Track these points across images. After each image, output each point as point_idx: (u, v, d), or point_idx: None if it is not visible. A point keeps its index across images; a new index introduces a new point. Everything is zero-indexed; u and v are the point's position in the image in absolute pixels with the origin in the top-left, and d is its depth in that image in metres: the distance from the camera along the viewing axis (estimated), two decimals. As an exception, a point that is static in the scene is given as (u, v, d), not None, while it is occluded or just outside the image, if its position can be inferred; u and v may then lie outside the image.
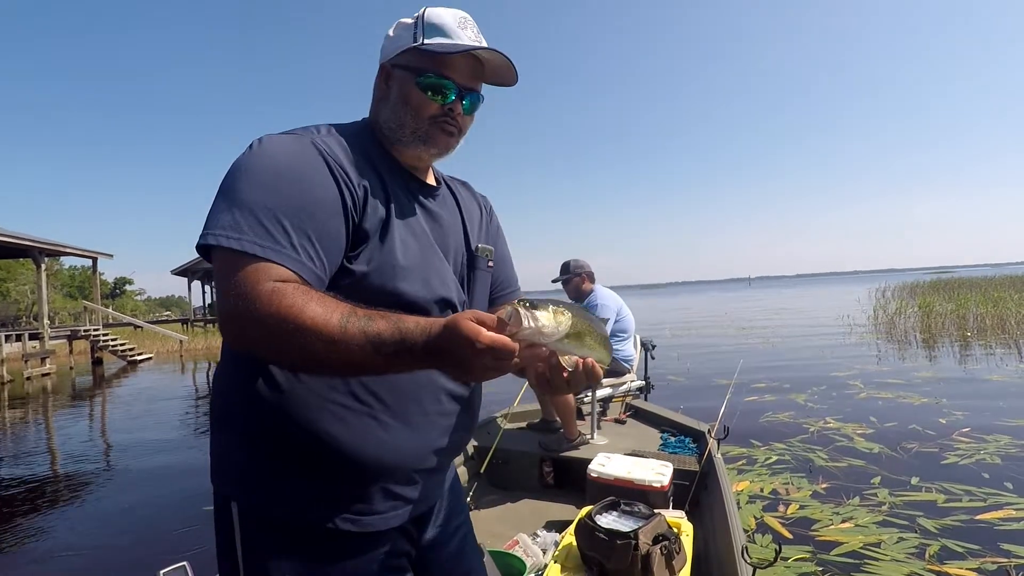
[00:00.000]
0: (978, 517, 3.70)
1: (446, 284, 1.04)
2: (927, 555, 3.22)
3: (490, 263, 1.17)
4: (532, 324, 0.71)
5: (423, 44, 0.96)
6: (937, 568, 3.07)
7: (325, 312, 0.73)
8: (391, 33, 1.02)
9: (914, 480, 4.41)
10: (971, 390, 7.69)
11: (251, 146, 0.89)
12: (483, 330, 0.67)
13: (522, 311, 0.71)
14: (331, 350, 0.72)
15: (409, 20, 1.01)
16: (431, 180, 1.11)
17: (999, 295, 20.69)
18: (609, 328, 4.00)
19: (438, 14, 0.99)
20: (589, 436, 3.84)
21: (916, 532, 3.52)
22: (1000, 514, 3.72)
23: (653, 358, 5.47)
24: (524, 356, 0.96)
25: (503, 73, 1.04)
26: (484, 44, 0.99)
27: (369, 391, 0.93)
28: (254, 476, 0.93)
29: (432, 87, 0.98)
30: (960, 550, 3.26)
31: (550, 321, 0.73)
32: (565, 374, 0.82)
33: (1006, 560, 3.12)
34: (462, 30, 0.98)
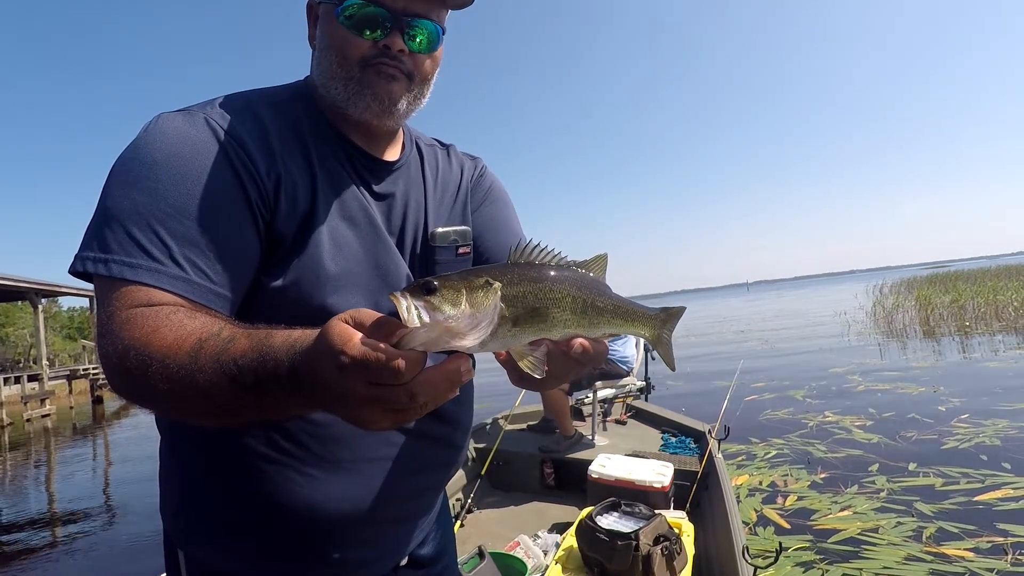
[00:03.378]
0: (976, 498, 3.75)
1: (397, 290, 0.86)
2: (924, 537, 3.27)
3: (462, 248, 0.91)
4: (428, 318, 0.45)
5: None
6: (934, 549, 3.11)
7: (178, 338, 0.56)
8: None
9: (912, 466, 4.46)
10: (969, 378, 7.76)
11: (141, 129, 0.72)
12: (356, 336, 0.44)
13: (404, 301, 0.45)
14: (177, 389, 0.54)
15: None
16: (392, 152, 0.89)
17: (996, 284, 20.83)
18: None
19: None
20: (590, 436, 3.86)
21: (913, 516, 3.57)
22: (998, 494, 3.77)
23: (653, 359, 5.52)
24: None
25: None
26: None
27: (289, 436, 0.75)
28: (186, 525, 0.81)
29: (356, 18, 0.74)
30: (956, 531, 3.31)
31: (460, 308, 0.46)
32: (537, 375, 0.54)
33: (1002, 539, 3.16)
34: None
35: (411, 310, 0.45)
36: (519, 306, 0.51)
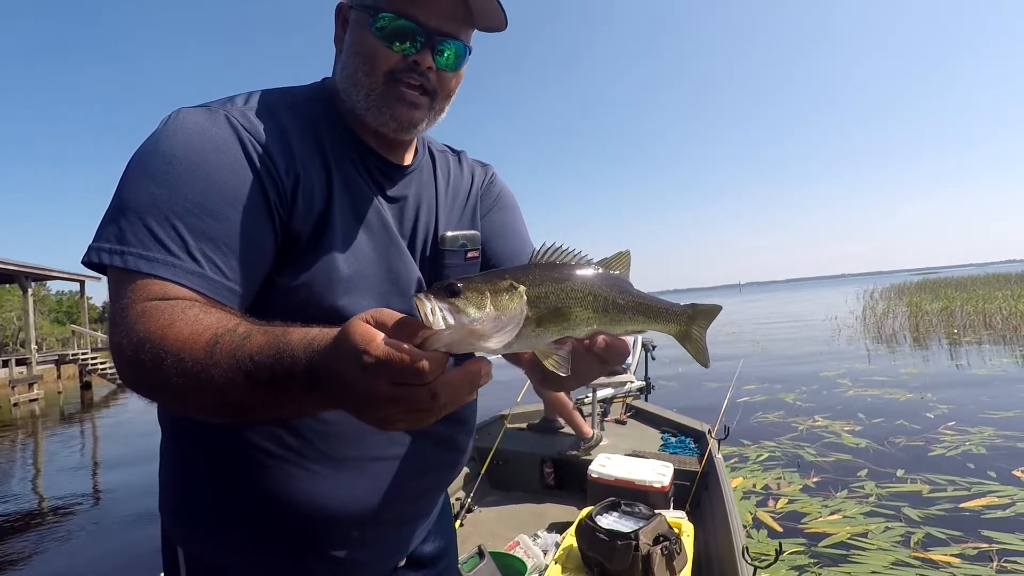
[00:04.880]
0: (962, 505, 3.83)
1: (408, 295, 0.82)
2: (912, 543, 3.34)
3: (471, 252, 0.92)
4: (454, 321, 0.45)
5: None
6: (922, 555, 3.19)
7: (194, 332, 0.56)
8: None
9: (900, 472, 4.54)
10: (957, 385, 7.88)
11: (161, 123, 0.72)
12: (378, 336, 0.44)
13: (428, 303, 0.45)
14: (191, 383, 0.54)
15: None
16: (405, 157, 0.90)
17: (985, 293, 21.13)
18: None
19: None
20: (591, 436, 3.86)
21: (901, 521, 3.64)
22: (983, 501, 3.85)
23: (654, 359, 5.55)
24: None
25: (488, 11, 0.78)
26: None
27: (294, 432, 0.75)
28: (185, 521, 0.82)
29: (389, 30, 0.74)
30: (943, 537, 3.39)
31: (485, 311, 0.47)
32: (563, 372, 0.55)
33: (987, 546, 3.24)
34: None
35: (435, 312, 0.45)
36: (542, 306, 0.51)
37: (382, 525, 0.82)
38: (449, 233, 0.89)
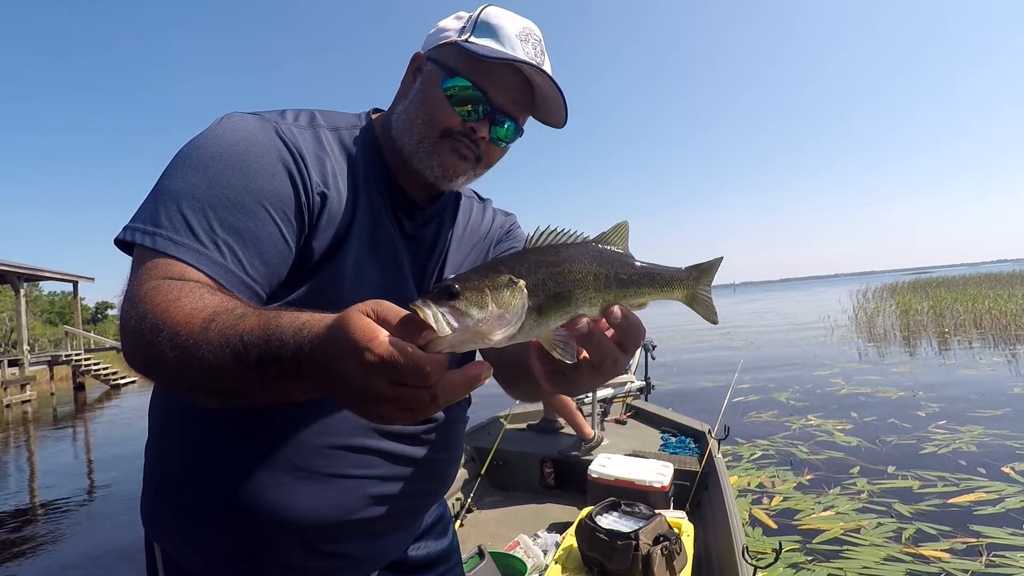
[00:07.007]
0: (951, 501, 3.91)
1: None
2: (903, 538, 3.41)
3: None
4: (456, 323, 0.45)
5: (465, 41, 0.79)
6: (913, 550, 3.25)
7: (194, 309, 0.57)
8: (441, 23, 0.85)
9: (891, 469, 4.62)
10: (947, 384, 7.97)
11: (212, 123, 0.75)
12: (381, 333, 0.44)
13: (429, 311, 0.44)
14: (183, 358, 0.55)
15: (466, 13, 0.84)
16: (429, 198, 0.93)
17: (976, 292, 21.36)
18: None
19: (497, 15, 0.81)
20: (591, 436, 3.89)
21: (893, 517, 3.71)
22: (972, 497, 3.93)
23: (654, 358, 5.56)
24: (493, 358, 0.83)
25: (551, 108, 0.84)
26: (538, 64, 0.80)
27: (269, 438, 0.76)
28: (156, 516, 0.83)
29: (458, 95, 0.79)
30: (933, 532, 3.46)
31: (487, 309, 0.46)
32: (569, 359, 0.52)
33: (976, 540, 3.31)
34: (521, 42, 0.80)
35: (438, 318, 0.44)
36: (541, 294, 0.50)
37: (346, 539, 0.81)
38: (451, 276, 0.93)
